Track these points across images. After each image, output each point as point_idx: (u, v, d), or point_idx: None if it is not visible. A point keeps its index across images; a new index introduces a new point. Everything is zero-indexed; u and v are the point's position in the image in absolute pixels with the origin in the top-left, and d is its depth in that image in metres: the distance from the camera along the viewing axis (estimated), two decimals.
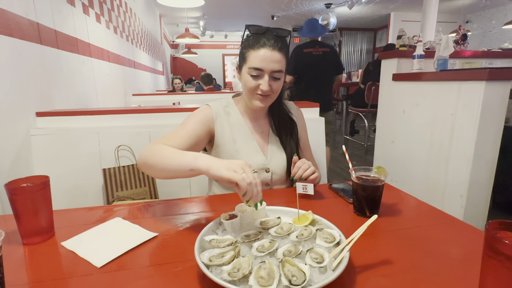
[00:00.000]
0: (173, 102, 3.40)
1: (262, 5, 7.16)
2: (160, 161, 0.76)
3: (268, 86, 0.90)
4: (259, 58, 0.88)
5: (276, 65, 0.89)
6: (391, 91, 2.17)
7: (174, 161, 0.72)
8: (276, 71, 0.89)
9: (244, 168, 0.62)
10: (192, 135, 0.91)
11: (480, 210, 1.59)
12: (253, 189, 0.61)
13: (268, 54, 0.87)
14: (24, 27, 1.43)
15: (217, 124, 0.98)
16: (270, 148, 1.02)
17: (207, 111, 0.98)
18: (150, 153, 0.79)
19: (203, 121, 0.96)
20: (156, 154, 0.78)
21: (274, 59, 0.88)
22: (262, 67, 0.88)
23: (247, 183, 0.60)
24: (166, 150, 0.78)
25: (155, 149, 0.80)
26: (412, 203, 0.88)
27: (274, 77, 0.91)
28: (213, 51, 11.46)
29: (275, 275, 0.48)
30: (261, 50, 0.88)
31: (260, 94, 0.92)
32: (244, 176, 0.60)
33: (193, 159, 0.68)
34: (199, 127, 0.94)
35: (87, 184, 1.50)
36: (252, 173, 0.63)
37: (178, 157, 0.72)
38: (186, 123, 0.94)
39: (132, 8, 4.20)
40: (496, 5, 7.13)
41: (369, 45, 10.33)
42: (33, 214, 0.63)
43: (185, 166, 0.69)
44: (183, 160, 0.70)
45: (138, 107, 2.24)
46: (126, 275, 0.54)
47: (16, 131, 1.35)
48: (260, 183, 0.63)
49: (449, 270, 0.55)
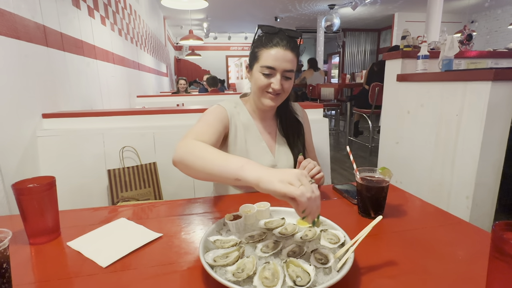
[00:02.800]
0: (177, 104, 3.42)
1: (266, 6, 7.18)
2: (200, 162, 0.67)
3: (280, 85, 0.90)
4: (272, 57, 0.89)
5: (288, 65, 0.90)
6: (395, 91, 2.16)
7: (217, 166, 0.63)
8: (288, 70, 0.91)
9: (301, 179, 0.53)
10: (216, 130, 0.89)
11: (486, 212, 1.57)
12: (313, 205, 0.53)
13: (281, 53, 0.89)
14: (31, 29, 1.45)
15: (232, 123, 0.97)
16: (277, 149, 1.02)
17: (221, 109, 0.97)
18: (189, 149, 0.71)
19: (221, 119, 0.94)
20: (196, 154, 0.69)
21: (287, 58, 0.89)
22: (275, 65, 0.89)
23: (307, 197, 0.51)
24: (207, 150, 0.70)
25: (194, 147, 0.71)
26: (417, 204, 0.87)
27: (285, 77, 0.92)
28: (216, 52, 11.51)
29: (279, 276, 0.48)
30: (274, 49, 0.89)
31: (271, 92, 0.92)
32: (303, 190, 0.51)
33: (239, 168, 0.59)
34: (219, 123, 0.92)
35: (92, 184, 1.51)
36: (310, 184, 0.54)
37: (221, 162, 0.63)
38: (207, 119, 0.91)
39: (136, 10, 4.23)
40: (501, 4, 7.07)
41: (373, 46, 10.30)
42: (40, 214, 0.64)
43: (231, 174, 0.60)
44: (228, 167, 0.61)
45: (142, 108, 2.25)
46: (131, 275, 0.55)
47: (22, 133, 1.37)
48: (319, 196, 0.54)
49: (455, 271, 0.54)
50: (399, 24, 7.91)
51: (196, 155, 0.69)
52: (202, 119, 0.92)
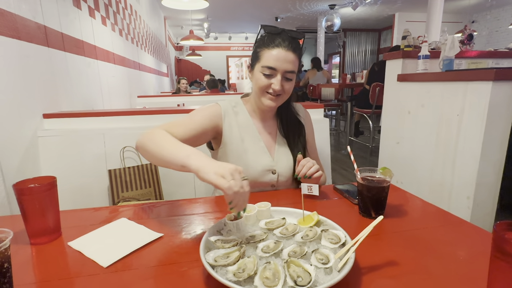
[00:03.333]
0: (177, 104, 3.42)
1: (266, 6, 7.18)
2: (155, 148, 0.73)
3: (280, 86, 0.90)
4: (273, 57, 0.89)
5: (290, 66, 0.90)
6: (396, 91, 2.16)
7: (168, 152, 0.70)
8: (289, 71, 0.91)
9: (234, 174, 0.58)
10: (197, 127, 0.91)
11: (487, 212, 1.57)
12: (239, 198, 0.58)
13: (282, 54, 0.89)
14: (32, 30, 1.45)
15: (226, 122, 0.98)
16: (277, 150, 1.02)
17: (216, 108, 0.98)
18: (150, 137, 0.78)
19: (211, 117, 0.96)
20: (155, 140, 0.76)
21: (288, 59, 0.89)
22: (276, 66, 0.89)
23: (233, 191, 0.57)
24: (166, 138, 0.76)
25: (156, 135, 0.78)
26: (418, 204, 0.87)
27: (286, 78, 0.92)
28: (217, 53, 11.52)
29: (280, 276, 0.48)
30: (275, 49, 0.89)
31: (271, 93, 0.92)
32: (231, 184, 0.57)
33: (186, 156, 0.65)
34: (206, 121, 0.94)
35: (93, 184, 1.51)
36: (242, 180, 0.59)
37: (173, 149, 0.70)
38: (194, 115, 0.94)
39: (137, 10, 4.23)
40: (502, 4, 7.06)
41: (373, 46, 10.29)
42: (41, 214, 0.64)
43: (178, 160, 0.66)
44: (177, 154, 0.67)
45: (143, 108, 2.25)
46: (132, 275, 0.55)
47: (23, 133, 1.37)
48: (248, 192, 0.60)
49: (456, 271, 0.54)
50: (399, 24, 7.89)
51: (154, 142, 0.75)
52: (191, 113, 0.94)
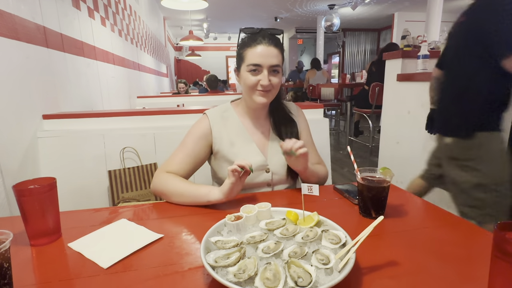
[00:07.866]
0: (177, 104, 3.42)
1: (265, 6, 7.19)
2: (177, 198, 0.86)
3: (268, 81, 0.92)
4: (257, 54, 0.92)
5: (274, 60, 0.93)
6: (395, 91, 2.16)
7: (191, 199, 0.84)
8: (273, 65, 0.93)
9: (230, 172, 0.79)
10: (191, 155, 0.97)
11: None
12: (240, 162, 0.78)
13: (265, 49, 0.92)
14: (31, 31, 1.45)
15: (214, 131, 1.00)
16: (270, 149, 1.03)
17: (203, 124, 1.01)
18: (164, 186, 0.88)
19: (201, 137, 0.99)
20: (171, 189, 0.87)
21: (271, 54, 0.92)
22: (261, 62, 0.92)
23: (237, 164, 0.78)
24: (179, 184, 0.87)
25: (168, 183, 0.88)
26: (418, 204, 0.87)
27: (273, 71, 0.94)
28: (216, 53, 11.52)
29: (281, 276, 0.48)
30: (258, 47, 0.92)
31: (261, 90, 0.94)
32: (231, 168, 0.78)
33: (206, 195, 0.82)
34: (197, 146, 0.98)
35: (93, 185, 1.51)
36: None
37: (193, 191, 0.84)
38: (185, 143, 0.99)
39: (136, 11, 4.23)
40: None
41: (372, 46, 10.30)
42: (41, 215, 0.64)
43: (203, 201, 0.83)
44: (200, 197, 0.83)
45: (142, 109, 2.25)
46: (132, 276, 0.55)
47: (23, 134, 1.37)
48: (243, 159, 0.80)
49: (457, 271, 0.54)
50: (399, 24, 7.89)
51: (171, 190, 0.87)
52: (183, 141, 1.00)
